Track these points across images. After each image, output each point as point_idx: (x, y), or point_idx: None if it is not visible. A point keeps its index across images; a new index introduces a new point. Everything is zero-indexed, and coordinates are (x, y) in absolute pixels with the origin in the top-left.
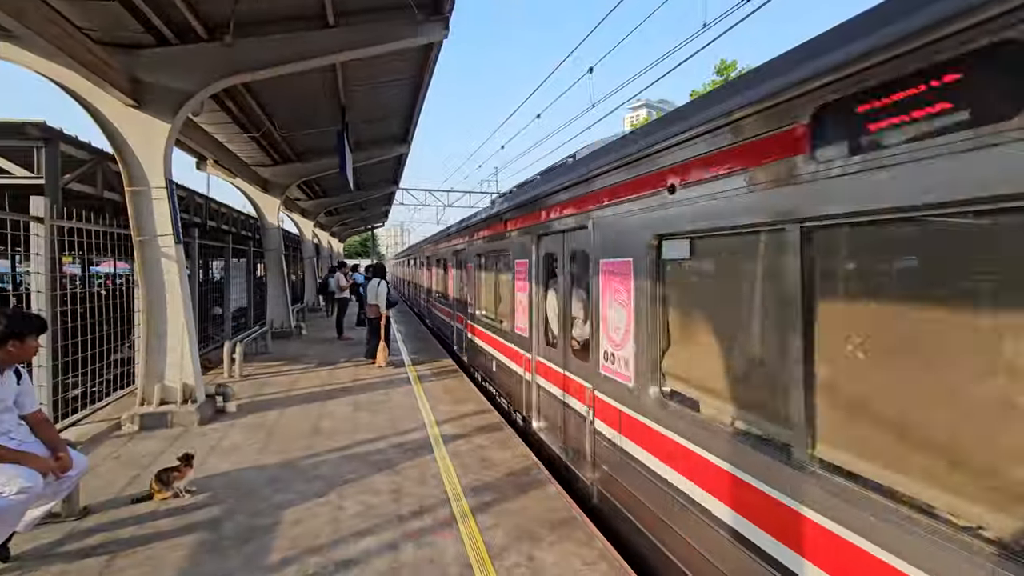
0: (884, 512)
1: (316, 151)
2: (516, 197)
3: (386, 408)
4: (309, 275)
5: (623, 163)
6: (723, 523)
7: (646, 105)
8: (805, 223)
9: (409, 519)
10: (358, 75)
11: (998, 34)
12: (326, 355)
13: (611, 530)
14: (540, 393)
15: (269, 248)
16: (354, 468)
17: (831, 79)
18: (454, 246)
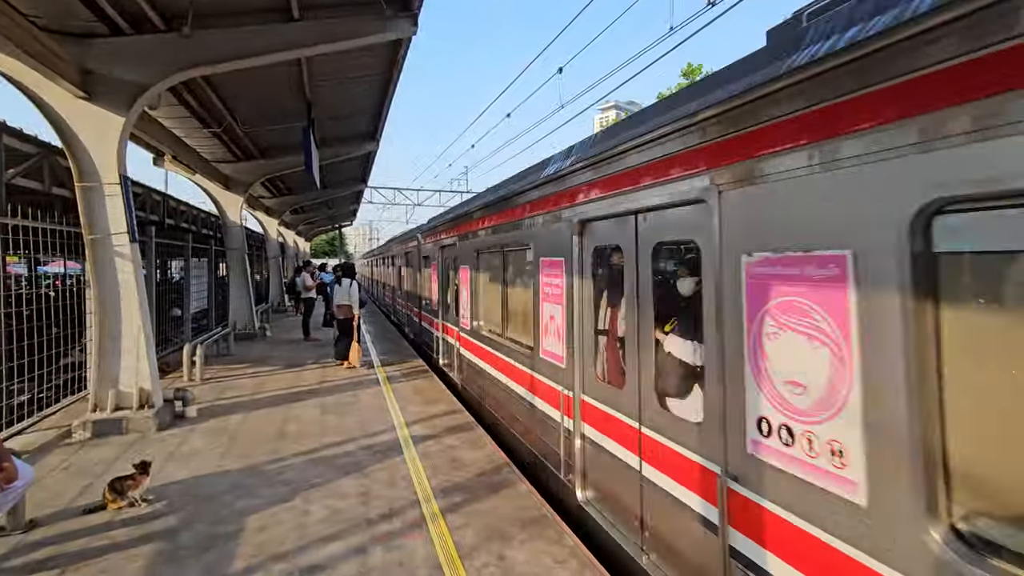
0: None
1: (281, 148)
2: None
3: (354, 410)
4: (274, 275)
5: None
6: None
7: (615, 106)
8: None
9: (378, 522)
10: (325, 70)
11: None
12: (292, 357)
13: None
14: (587, 448)
15: (231, 247)
16: (321, 472)
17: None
18: (441, 241)
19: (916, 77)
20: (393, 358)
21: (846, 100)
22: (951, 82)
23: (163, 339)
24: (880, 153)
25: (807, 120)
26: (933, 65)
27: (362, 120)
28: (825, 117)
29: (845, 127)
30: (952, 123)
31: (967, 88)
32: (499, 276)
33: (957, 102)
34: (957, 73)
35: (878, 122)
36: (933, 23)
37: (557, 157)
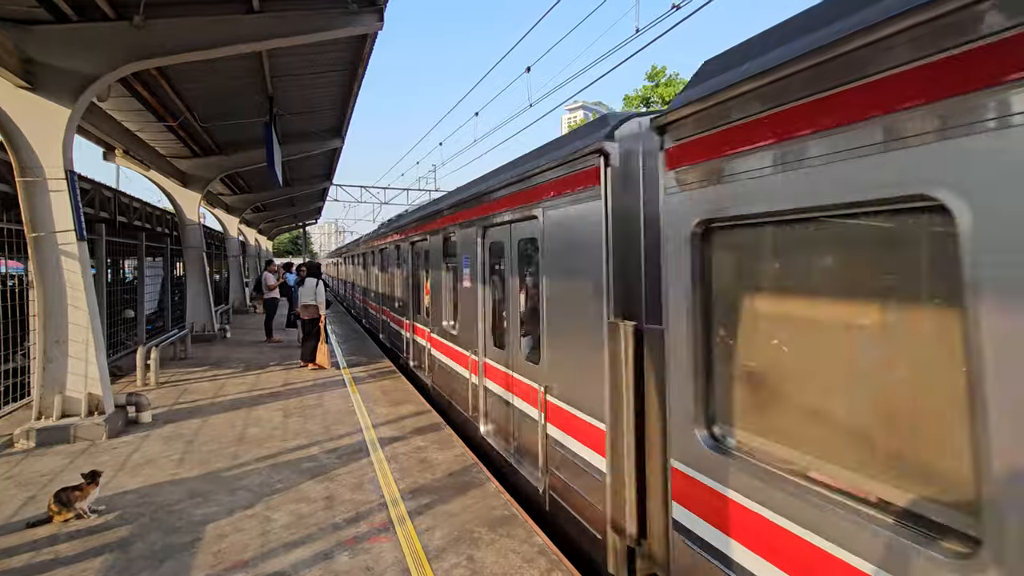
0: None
1: (241, 143)
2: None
3: (319, 412)
4: (235, 274)
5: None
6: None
7: (583, 107)
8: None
9: (344, 527)
10: (287, 64)
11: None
12: (254, 359)
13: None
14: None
15: (189, 246)
16: (284, 477)
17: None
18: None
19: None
20: (360, 359)
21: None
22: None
23: (115, 342)
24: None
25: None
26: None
27: (327, 116)
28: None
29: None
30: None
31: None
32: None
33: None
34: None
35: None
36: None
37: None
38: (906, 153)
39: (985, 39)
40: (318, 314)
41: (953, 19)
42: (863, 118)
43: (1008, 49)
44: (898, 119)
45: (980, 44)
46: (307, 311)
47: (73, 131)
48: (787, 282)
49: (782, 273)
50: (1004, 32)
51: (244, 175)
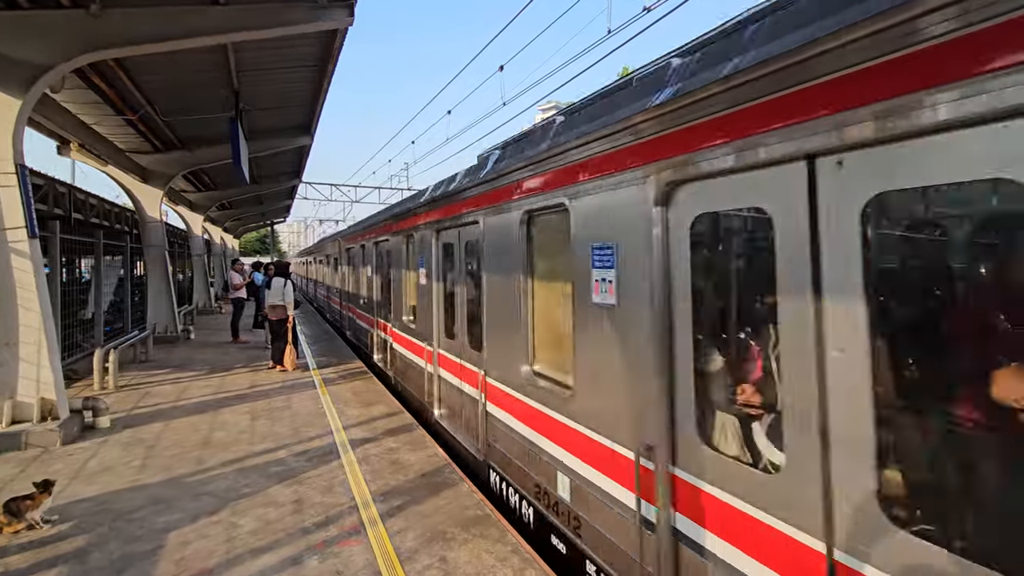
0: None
1: (205, 139)
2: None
3: (288, 415)
4: (199, 274)
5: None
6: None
7: (556, 107)
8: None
9: (313, 531)
10: (254, 59)
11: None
12: (219, 360)
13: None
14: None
15: (150, 244)
16: (251, 481)
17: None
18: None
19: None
20: (330, 359)
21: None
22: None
23: (70, 344)
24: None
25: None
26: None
27: (295, 113)
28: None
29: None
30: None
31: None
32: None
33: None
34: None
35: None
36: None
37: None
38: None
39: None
40: (286, 314)
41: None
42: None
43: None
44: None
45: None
46: (275, 311)
47: (24, 123)
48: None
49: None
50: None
51: (209, 171)
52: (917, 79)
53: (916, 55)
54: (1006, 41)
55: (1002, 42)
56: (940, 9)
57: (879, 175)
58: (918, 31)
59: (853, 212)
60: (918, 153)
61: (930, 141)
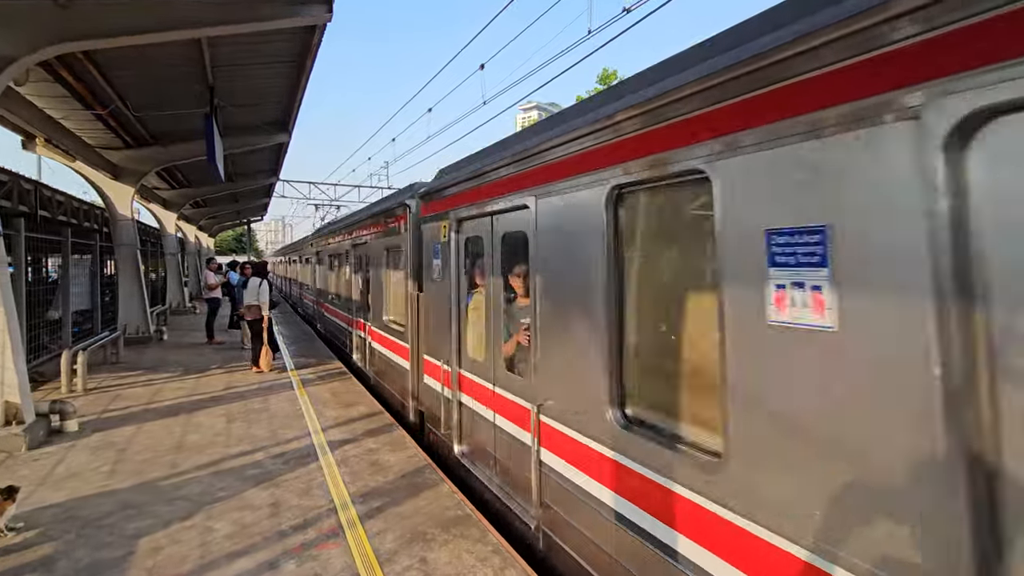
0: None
1: (179, 135)
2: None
3: (265, 417)
4: (172, 273)
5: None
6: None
7: (537, 107)
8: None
9: (291, 534)
10: (229, 54)
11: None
12: (193, 362)
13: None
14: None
15: (121, 243)
16: (227, 485)
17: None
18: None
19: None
20: (308, 360)
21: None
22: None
23: (37, 346)
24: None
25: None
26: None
27: (272, 109)
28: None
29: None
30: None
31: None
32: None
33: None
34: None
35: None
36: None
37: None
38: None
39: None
40: (261, 315)
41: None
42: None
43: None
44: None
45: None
46: (250, 311)
47: None
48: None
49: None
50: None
51: (183, 168)
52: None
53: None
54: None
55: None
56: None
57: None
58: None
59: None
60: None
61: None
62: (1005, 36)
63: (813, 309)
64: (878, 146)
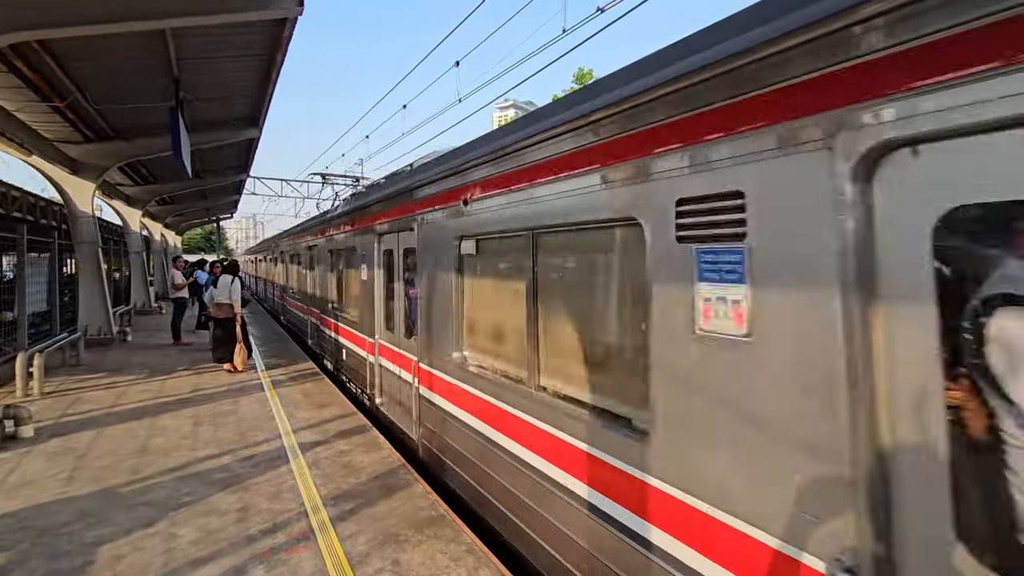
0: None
1: (143, 129)
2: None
3: (234, 419)
4: (137, 272)
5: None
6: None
7: (514, 105)
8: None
9: (260, 538)
10: (196, 46)
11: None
12: (159, 363)
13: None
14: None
15: (81, 241)
16: (193, 489)
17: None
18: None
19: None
20: (280, 361)
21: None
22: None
23: None
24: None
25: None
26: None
27: (242, 104)
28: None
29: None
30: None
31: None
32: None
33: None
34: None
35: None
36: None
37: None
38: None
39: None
40: (233, 313)
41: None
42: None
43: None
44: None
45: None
46: (221, 310)
47: None
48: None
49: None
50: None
51: (147, 164)
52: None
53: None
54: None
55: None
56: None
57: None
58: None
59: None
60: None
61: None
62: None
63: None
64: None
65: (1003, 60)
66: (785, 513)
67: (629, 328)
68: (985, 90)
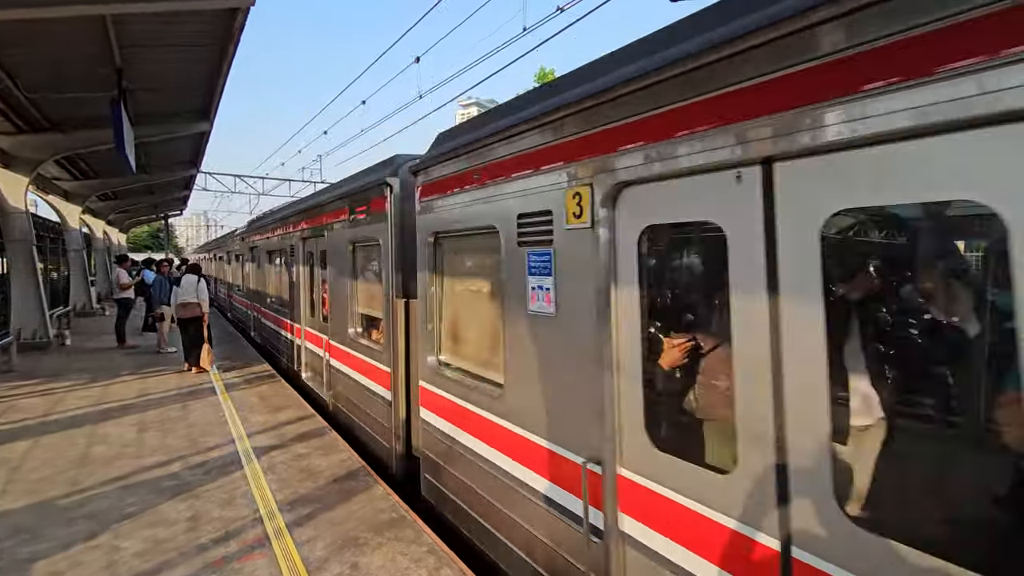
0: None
1: (82, 120)
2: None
3: (183, 425)
4: (77, 272)
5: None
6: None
7: (476, 103)
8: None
9: (211, 547)
10: (140, 33)
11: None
12: (102, 367)
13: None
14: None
15: (13, 239)
16: (139, 499)
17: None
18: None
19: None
20: (234, 363)
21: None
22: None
23: None
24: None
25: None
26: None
27: (191, 96)
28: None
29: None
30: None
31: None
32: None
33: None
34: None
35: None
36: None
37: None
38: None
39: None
40: (199, 312)
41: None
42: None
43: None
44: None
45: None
46: (187, 310)
47: None
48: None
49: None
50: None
51: (87, 158)
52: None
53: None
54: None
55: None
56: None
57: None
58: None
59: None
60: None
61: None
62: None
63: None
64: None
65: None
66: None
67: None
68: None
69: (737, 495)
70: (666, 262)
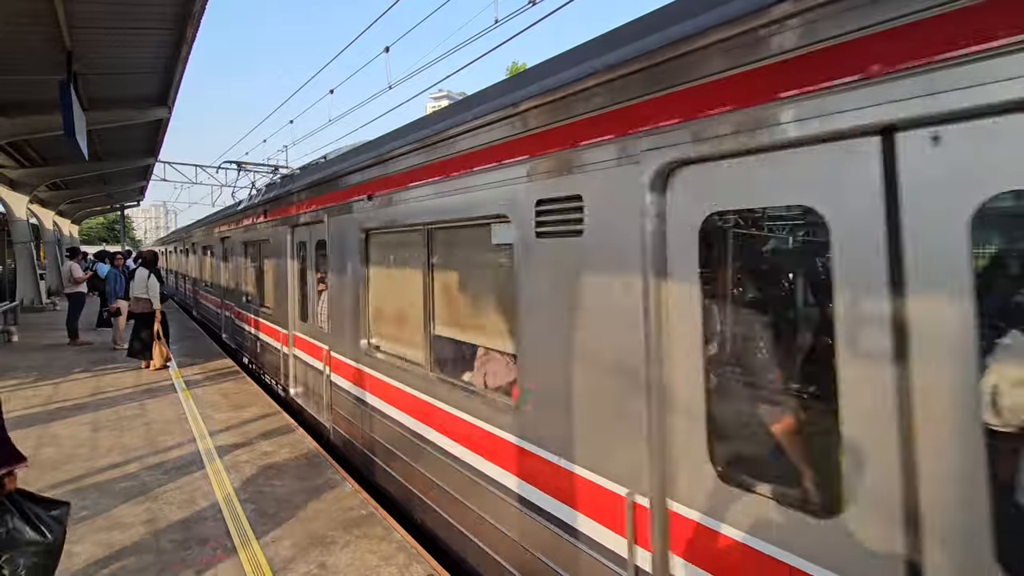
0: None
1: (28, 105)
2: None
3: (140, 424)
4: (24, 265)
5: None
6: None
7: (448, 96)
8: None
9: (170, 551)
10: (92, 13)
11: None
12: (52, 365)
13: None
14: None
15: None
16: (92, 502)
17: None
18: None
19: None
20: (194, 359)
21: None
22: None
23: None
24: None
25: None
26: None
27: (148, 81)
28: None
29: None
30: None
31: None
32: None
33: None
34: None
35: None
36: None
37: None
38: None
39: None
40: (151, 308)
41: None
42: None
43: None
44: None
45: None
46: (138, 305)
47: None
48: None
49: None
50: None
51: (36, 144)
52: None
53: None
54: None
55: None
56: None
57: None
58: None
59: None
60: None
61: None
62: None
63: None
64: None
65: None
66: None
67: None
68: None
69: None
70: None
